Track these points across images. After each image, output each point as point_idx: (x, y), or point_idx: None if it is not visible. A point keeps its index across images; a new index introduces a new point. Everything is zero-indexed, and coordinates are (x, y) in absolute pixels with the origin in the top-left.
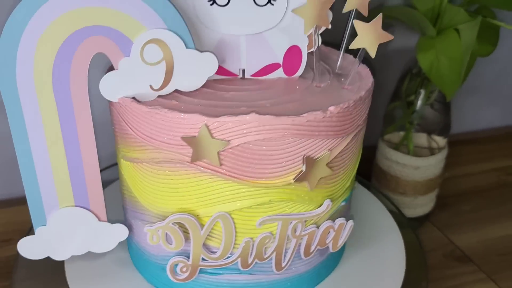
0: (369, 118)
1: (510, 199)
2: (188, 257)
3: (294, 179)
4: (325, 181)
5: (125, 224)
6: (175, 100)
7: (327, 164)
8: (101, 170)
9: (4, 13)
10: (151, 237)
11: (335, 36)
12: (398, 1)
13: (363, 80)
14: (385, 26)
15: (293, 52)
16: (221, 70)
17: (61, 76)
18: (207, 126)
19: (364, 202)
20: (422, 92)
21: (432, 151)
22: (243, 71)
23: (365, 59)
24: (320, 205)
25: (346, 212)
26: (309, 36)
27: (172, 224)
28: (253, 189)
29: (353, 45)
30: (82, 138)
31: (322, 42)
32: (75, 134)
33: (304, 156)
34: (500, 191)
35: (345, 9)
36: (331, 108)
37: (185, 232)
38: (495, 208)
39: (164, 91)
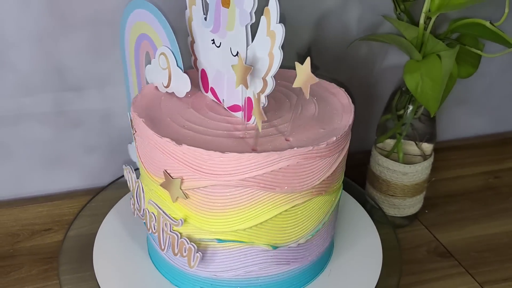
0: (365, 127)
1: (494, 201)
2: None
3: None
4: None
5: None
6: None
7: None
8: None
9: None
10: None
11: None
12: (390, 28)
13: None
14: (380, 46)
15: (248, 101)
16: (215, 95)
17: (137, 51)
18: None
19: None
20: (410, 107)
21: (419, 158)
22: (223, 100)
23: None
24: None
25: None
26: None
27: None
28: None
29: (295, 85)
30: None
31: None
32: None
33: None
34: (486, 194)
35: (294, 85)
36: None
37: None
38: (480, 210)
39: (168, 90)
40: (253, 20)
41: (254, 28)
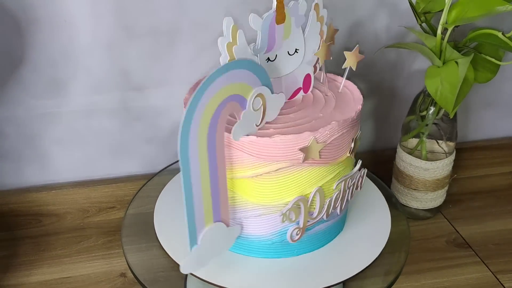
0: (394, 126)
1: None
2: (298, 223)
3: (349, 153)
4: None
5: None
6: (271, 128)
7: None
8: None
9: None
10: (282, 219)
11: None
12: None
13: (348, 87)
14: (408, 52)
15: (307, 78)
16: None
17: (212, 134)
18: (314, 137)
19: (369, 195)
20: (432, 109)
21: (443, 155)
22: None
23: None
24: (355, 165)
25: None
26: (314, 66)
27: (294, 205)
28: (333, 167)
29: (345, 65)
30: (220, 171)
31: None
32: (216, 170)
33: (353, 138)
34: (510, 192)
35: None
36: (359, 107)
37: (298, 208)
38: (503, 207)
39: (261, 125)
40: (305, 19)
41: None
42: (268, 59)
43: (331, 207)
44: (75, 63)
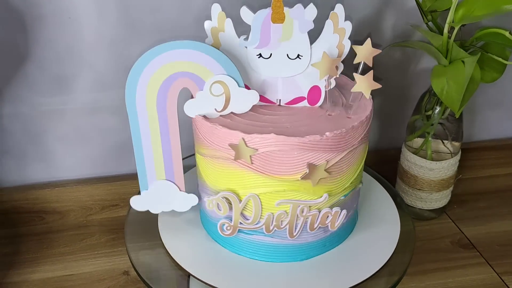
0: (399, 126)
1: None
2: (231, 220)
3: (300, 177)
4: (325, 181)
5: (196, 195)
6: (230, 119)
7: (325, 170)
8: (183, 158)
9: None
10: (208, 204)
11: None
12: (422, 35)
13: (365, 111)
14: (414, 51)
15: (315, 90)
16: (264, 99)
17: (161, 102)
18: (243, 139)
19: (376, 195)
20: (438, 108)
21: (448, 155)
22: (280, 100)
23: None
24: (321, 197)
25: (349, 203)
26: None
27: (221, 197)
28: (273, 180)
29: (354, 89)
30: (172, 136)
31: (344, 74)
32: (167, 134)
33: (307, 163)
34: None
35: (356, 61)
36: (327, 133)
37: (229, 203)
38: (509, 207)
39: (224, 113)
40: (313, 26)
41: None
42: (260, 55)
43: (272, 224)
44: (80, 60)
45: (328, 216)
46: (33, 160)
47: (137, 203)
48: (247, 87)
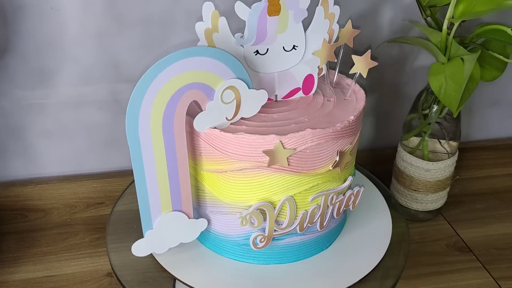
0: (395, 124)
1: None
2: (264, 231)
3: (332, 167)
4: (349, 164)
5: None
6: (244, 125)
7: (350, 153)
8: None
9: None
10: (241, 222)
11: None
12: (420, 31)
13: (357, 93)
14: (411, 47)
15: (308, 78)
16: None
17: (167, 122)
18: (281, 142)
19: (368, 195)
20: (435, 107)
21: (445, 155)
22: (276, 96)
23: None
24: (345, 181)
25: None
26: (319, 67)
27: (255, 210)
28: (307, 177)
29: (352, 70)
30: (179, 161)
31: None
32: (175, 160)
33: (338, 150)
34: None
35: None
36: (351, 117)
37: (264, 214)
38: (506, 209)
39: (234, 120)
40: (306, 15)
41: None
42: (257, 52)
43: (306, 221)
44: (63, 52)
45: (351, 197)
46: (15, 156)
47: (141, 249)
48: None
